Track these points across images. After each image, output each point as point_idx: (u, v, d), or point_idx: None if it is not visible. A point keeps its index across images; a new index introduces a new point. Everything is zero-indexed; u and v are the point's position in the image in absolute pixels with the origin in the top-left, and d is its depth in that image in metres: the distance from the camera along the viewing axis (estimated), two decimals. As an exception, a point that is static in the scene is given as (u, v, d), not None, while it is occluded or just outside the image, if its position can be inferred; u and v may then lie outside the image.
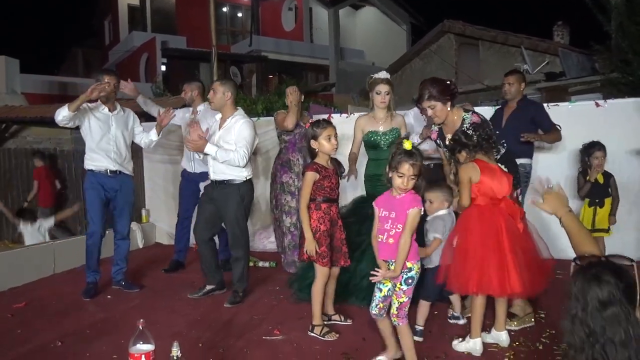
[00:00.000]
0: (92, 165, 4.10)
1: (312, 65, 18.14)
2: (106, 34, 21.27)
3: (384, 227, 2.58)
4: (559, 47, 9.82)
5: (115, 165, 4.11)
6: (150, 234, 6.19)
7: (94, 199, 4.07)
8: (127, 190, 4.22)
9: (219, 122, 3.90)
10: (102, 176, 4.08)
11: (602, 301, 1.30)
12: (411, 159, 2.51)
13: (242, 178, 3.82)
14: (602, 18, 7.13)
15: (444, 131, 3.30)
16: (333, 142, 3.09)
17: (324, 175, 3.10)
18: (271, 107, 7.35)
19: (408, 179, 2.50)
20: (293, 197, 4.55)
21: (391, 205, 2.59)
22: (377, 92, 3.77)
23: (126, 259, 4.30)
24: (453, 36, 11.87)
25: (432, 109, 3.14)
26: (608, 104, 4.75)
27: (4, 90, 9.24)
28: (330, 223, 3.14)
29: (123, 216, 4.25)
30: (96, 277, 4.13)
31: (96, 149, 4.06)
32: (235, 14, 19.80)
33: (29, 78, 12.01)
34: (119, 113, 4.19)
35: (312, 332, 3.13)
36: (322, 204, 3.12)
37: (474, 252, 2.71)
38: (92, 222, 4.09)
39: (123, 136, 4.18)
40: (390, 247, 2.56)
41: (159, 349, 2.27)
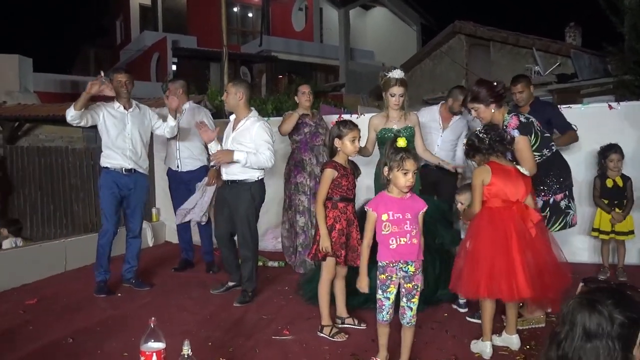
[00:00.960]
0: (107, 163, 4.12)
1: (322, 65, 18.14)
2: (118, 34, 21.41)
3: (403, 229, 2.56)
4: (571, 49, 9.74)
5: (130, 163, 4.12)
6: (160, 233, 6.22)
7: (108, 197, 4.09)
8: (141, 189, 4.24)
9: (232, 123, 3.92)
10: (117, 174, 4.10)
11: (587, 331, 1.20)
12: (411, 155, 2.56)
13: (254, 178, 3.84)
14: (615, 19, 7.06)
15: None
16: (356, 145, 3.13)
17: (342, 174, 3.12)
18: (281, 107, 7.36)
19: (413, 174, 2.53)
20: (307, 197, 4.56)
21: (403, 206, 2.59)
22: (391, 95, 3.72)
23: (137, 258, 4.31)
24: (464, 37, 11.80)
25: (476, 111, 3.21)
26: (621, 106, 4.70)
27: (17, 88, 9.32)
28: (346, 222, 3.14)
29: (136, 215, 4.26)
30: (106, 276, 4.14)
31: (112, 147, 4.08)
32: (245, 14, 19.85)
33: (42, 77, 12.12)
34: (135, 110, 4.20)
35: (321, 333, 3.13)
36: (339, 202, 3.14)
37: (484, 256, 2.69)
38: (106, 220, 4.12)
39: (139, 134, 4.18)
40: (415, 248, 2.57)
41: (169, 347, 2.28)
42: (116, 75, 4.11)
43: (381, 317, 2.64)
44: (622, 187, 4.21)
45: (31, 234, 7.40)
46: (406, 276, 2.58)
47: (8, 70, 9.35)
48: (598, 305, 1.21)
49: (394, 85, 3.70)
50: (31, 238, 7.19)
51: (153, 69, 16.99)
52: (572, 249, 4.52)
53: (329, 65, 17.77)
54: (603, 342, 1.18)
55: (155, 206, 6.36)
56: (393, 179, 2.56)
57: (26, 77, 9.74)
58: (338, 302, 3.30)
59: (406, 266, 2.57)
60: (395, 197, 2.60)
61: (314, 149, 4.62)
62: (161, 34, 17.51)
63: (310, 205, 4.55)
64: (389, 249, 2.57)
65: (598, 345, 1.18)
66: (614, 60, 7.63)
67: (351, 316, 3.31)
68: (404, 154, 2.54)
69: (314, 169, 4.57)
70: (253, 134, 3.78)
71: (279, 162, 5.55)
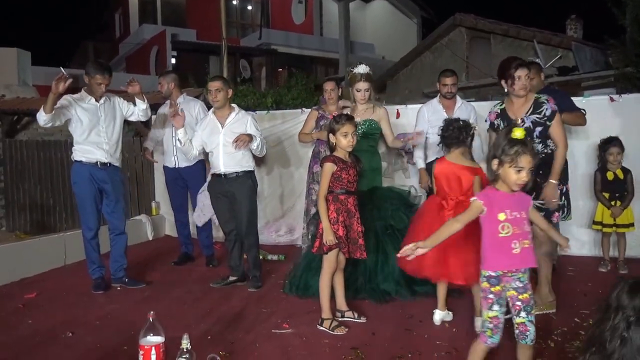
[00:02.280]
0: (81, 157, 3.95)
1: (322, 58, 18.06)
2: (117, 27, 21.31)
3: (524, 229, 2.21)
4: (572, 41, 9.69)
5: (106, 157, 3.98)
6: (159, 227, 6.21)
7: (85, 191, 3.95)
8: (117, 183, 4.09)
9: (215, 118, 3.97)
10: (92, 167, 3.96)
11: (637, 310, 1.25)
12: (527, 149, 2.19)
13: (251, 168, 4.03)
14: (616, 11, 7.02)
15: (508, 112, 3.35)
16: (349, 139, 3.12)
17: (342, 168, 3.13)
18: (280, 101, 7.33)
19: (528, 172, 2.19)
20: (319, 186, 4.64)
21: (518, 203, 2.25)
22: (357, 90, 3.94)
23: (125, 255, 4.13)
24: (464, 30, 11.74)
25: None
26: (623, 98, 4.67)
27: (16, 82, 9.29)
28: (347, 214, 3.15)
29: (117, 210, 4.10)
30: (101, 272, 4.07)
31: (86, 142, 3.94)
32: (245, 7, 19.75)
33: (41, 70, 12.05)
34: (106, 102, 4.03)
35: (321, 326, 3.13)
36: (340, 195, 3.15)
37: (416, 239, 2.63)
38: (88, 215, 3.99)
39: (114, 126, 4.06)
40: (532, 251, 2.24)
41: (168, 341, 2.28)
42: (97, 76, 3.89)
43: (494, 339, 2.20)
44: (623, 179, 4.20)
45: (30, 228, 7.39)
46: (521, 286, 2.21)
47: (6, 63, 9.31)
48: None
49: (359, 80, 3.92)
50: (30, 232, 7.19)
51: (152, 63, 16.94)
52: (573, 242, 4.47)
53: (329, 59, 17.69)
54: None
55: (154, 200, 6.35)
56: (502, 174, 2.22)
57: (25, 71, 9.71)
58: (338, 296, 3.30)
59: (523, 275, 2.22)
60: (508, 194, 2.24)
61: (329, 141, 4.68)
62: (160, 27, 17.45)
63: None
64: (510, 255, 2.19)
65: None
66: (615, 53, 7.59)
67: (350, 309, 3.31)
68: (520, 147, 2.18)
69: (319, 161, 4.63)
70: (248, 125, 3.94)
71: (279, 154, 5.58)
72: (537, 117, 3.31)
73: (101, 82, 3.90)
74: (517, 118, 3.31)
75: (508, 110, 3.38)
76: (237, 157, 3.92)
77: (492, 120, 3.43)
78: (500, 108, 3.42)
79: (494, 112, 3.43)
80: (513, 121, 3.25)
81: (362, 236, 3.20)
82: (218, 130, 3.93)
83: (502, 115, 3.39)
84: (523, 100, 3.32)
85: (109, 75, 3.96)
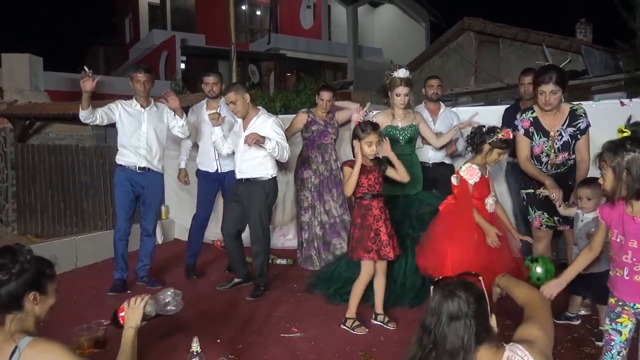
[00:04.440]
0: (121, 161, 4.14)
1: (330, 63, 18.09)
2: (127, 32, 21.50)
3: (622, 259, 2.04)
4: (581, 45, 9.64)
5: (144, 162, 4.11)
6: (169, 231, 6.24)
7: (122, 195, 4.12)
8: (155, 187, 4.23)
9: (241, 123, 3.96)
10: (131, 172, 4.11)
11: (451, 314, 1.44)
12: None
13: (269, 176, 3.92)
14: (627, 15, 6.99)
15: (542, 122, 3.28)
16: (373, 149, 3.14)
17: (362, 171, 3.15)
18: (289, 105, 7.35)
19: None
20: (311, 194, 4.62)
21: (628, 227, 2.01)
22: (396, 94, 3.83)
23: (151, 256, 4.31)
24: (473, 34, 11.72)
25: (555, 94, 3.14)
26: (633, 102, 4.64)
27: (27, 87, 9.39)
28: (373, 218, 3.16)
29: (150, 213, 4.26)
30: (123, 274, 4.17)
31: (127, 145, 4.10)
32: (254, 12, 19.85)
33: (52, 75, 12.20)
34: (152, 109, 4.17)
35: (344, 325, 3.18)
36: (363, 200, 3.17)
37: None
38: (120, 217, 4.15)
39: (155, 132, 4.15)
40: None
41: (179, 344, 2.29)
42: (135, 74, 4.09)
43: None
44: None
45: (42, 231, 7.47)
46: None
47: (19, 69, 9.41)
48: (456, 292, 1.46)
49: (399, 85, 3.79)
50: (42, 235, 7.26)
51: (162, 68, 17.05)
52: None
53: (337, 63, 17.72)
54: (462, 321, 1.42)
55: (164, 204, 6.38)
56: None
57: (37, 76, 9.80)
58: (376, 298, 3.29)
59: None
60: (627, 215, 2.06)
61: (320, 147, 4.65)
62: (170, 32, 17.57)
63: (314, 202, 4.61)
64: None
65: (458, 324, 1.42)
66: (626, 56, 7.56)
67: (384, 314, 3.29)
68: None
69: (319, 167, 4.63)
70: (267, 129, 3.83)
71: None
72: (573, 130, 3.25)
73: (140, 79, 4.06)
74: (552, 130, 3.26)
75: (541, 119, 3.29)
76: (253, 164, 3.87)
77: (527, 127, 3.34)
78: (532, 116, 3.32)
79: (527, 119, 3.33)
80: (550, 136, 3.25)
81: (394, 236, 3.21)
82: (241, 134, 3.92)
83: (535, 125, 3.30)
84: (555, 110, 3.24)
85: (147, 73, 4.15)
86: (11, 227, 7.75)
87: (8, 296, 1.70)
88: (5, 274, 1.69)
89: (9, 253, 1.74)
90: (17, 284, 1.71)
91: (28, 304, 1.74)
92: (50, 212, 7.46)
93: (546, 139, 3.29)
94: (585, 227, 2.91)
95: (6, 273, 1.69)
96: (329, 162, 4.66)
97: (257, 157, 3.87)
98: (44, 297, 1.80)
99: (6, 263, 1.71)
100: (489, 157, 3.05)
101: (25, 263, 1.73)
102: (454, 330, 1.42)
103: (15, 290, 1.71)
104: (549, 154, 3.31)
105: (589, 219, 2.90)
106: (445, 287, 1.50)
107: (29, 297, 1.74)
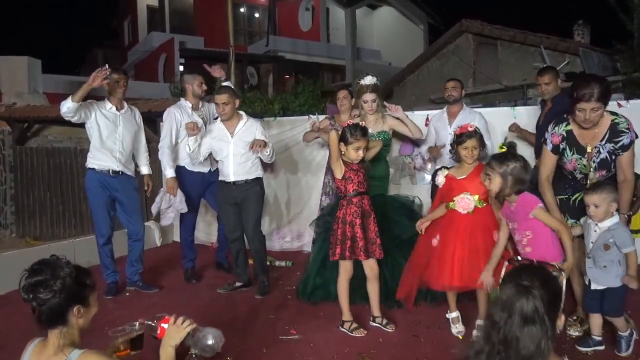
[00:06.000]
0: (94, 164, 4.02)
1: (329, 65, 18.11)
2: (125, 35, 21.51)
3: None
4: (579, 47, 9.66)
5: (119, 165, 4.04)
6: (167, 233, 6.24)
7: (98, 199, 4.03)
8: (130, 191, 4.15)
9: (225, 129, 3.97)
10: (104, 176, 4.02)
11: (525, 316, 1.33)
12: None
13: (259, 175, 4.09)
14: (624, 17, 7.01)
15: (577, 136, 2.89)
16: (360, 154, 3.15)
17: (350, 169, 3.17)
18: (287, 107, 7.36)
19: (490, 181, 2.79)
20: (327, 197, 4.74)
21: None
22: (364, 101, 3.92)
23: (141, 260, 4.24)
24: (471, 36, 11.74)
25: (596, 112, 2.72)
26: (630, 104, 4.65)
27: (26, 89, 9.39)
28: (363, 215, 3.18)
29: (134, 217, 4.18)
30: (115, 277, 4.16)
31: (101, 148, 4.00)
32: (252, 15, 19.88)
33: (51, 78, 12.20)
34: (127, 112, 4.13)
35: (341, 328, 3.19)
36: (354, 198, 3.18)
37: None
38: (101, 222, 4.07)
39: (130, 136, 4.12)
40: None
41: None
42: (114, 74, 3.97)
43: None
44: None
45: (40, 234, 7.46)
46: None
47: (18, 71, 9.41)
48: (533, 291, 1.34)
49: (366, 92, 3.88)
50: (40, 238, 7.25)
51: (160, 70, 17.07)
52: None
53: (336, 65, 17.74)
54: (537, 325, 1.32)
55: (163, 206, 6.37)
56: None
57: (35, 79, 9.80)
58: (372, 302, 3.31)
59: None
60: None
61: None
62: (168, 35, 17.58)
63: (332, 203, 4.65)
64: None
65: (533, 328, 1.31)
66: (623, 58, 7.57)
67: (382, 316, 3.29)
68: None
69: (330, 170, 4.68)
70: (258, 133, 3.98)
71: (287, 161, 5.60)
72: (613, 146, 2.83)
73: (119, 79, 4.00)
74: (589, 146, 2.86)
75: (576, 134, 2.89)
76: (247, 166, 3.97)
77: (556, 143, 2.95)
78: (565, 130, 2.93)
79: (559, 134, 2.94)
80: (586, 153, 2.87)
81: (379, 235, 3.22)
82: (228, 139, 3.95)
83: (569, 140, 2.92)
84: (603, 125, 2.83)
85: (125, 75, 4.11)
86: (9, 229, 7.74)
87: (52, 313, 1.68)
88: (48, 292, 1.65)
89: (48, 268, 1.69)
90: (60, 300, 1.68)
91: (73, 318, 1.73)
92: (48, 214, 7.45)
93: (580, 156, 2.90)
94: (601, 238, 2.72)
95: (49, 291, 1.66)
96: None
97: (251, 159, 4.00)
98: (87, 309, 1.78)
99: (47, 280, 1.66)
100: (462, 156, 2.99)
101: (67, 277, 1.69)
102: (528, 334, 1.32)
103: (58, 306, 1.68)
104: (583, 172, 2.95)
105: (604, 228, 2.72)
106: (520, 278, 1.38)
107: (73, 311, 1.72)
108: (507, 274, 1.47)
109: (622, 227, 2.75)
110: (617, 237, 2.69)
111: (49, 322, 1.70)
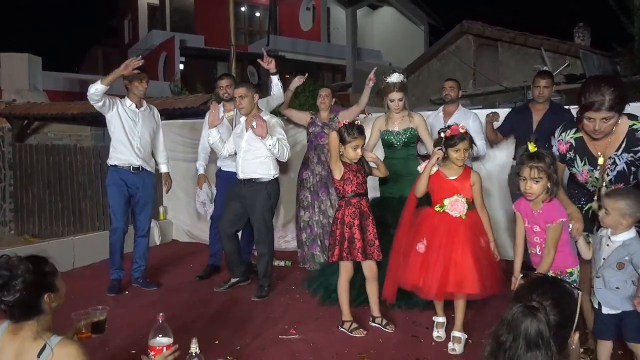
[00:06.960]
0: (115, 161, 4.13)
1: (329, 65, 18.13)
2: (126, 33, 21.49)
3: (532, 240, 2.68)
4: (579, 49, 9.67)
5: (138, 160, 4.13)
6: (167, 231, 6.24)
7: (116, 195, 4.11)
8: (148, 187, 4.25)
9: (244, 124, 3.96)
10: (125, 172, 4.11)
11: (529, 340, 1.29)
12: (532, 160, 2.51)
13: (270, 176, 3.96)
14: (625, 19, 7.03)
15: (588, 144, 2.52)
16: (358, 152, 3.14)
17: (349, 169, 3.16)
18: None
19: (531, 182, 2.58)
20: (310, 193, 4.66)
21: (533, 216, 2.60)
22: (390, 100, 3.79)
23: (145, 257, 4.30)
24: (472, 37, 11.75)
25: (607, 121, 2.33)
26: (631, 106, 4.63)
27: (26, 87, 9.37)
28: (361, 216, 3.17)
29: (143, 213, 4.27)
30: (120, 274, 4.18)
31: (121, 144, 4.10)
32: (253, 14, 19.88)
33: (51, 75, 12.18)
34: (146, 110, 4.24)
35: (341, 328, 3.19)
36: (352, 199, 3.17)
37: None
38: (115, 218, 4.14)
39: (148, 133, 4.22)
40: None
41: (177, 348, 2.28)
42: (139, 75, 4.07)
43: None
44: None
45: (39, 231, 7.44)
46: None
47: (18, 69, 9.40)
48: (539, 314, 1.29)
49: (392, 90, 3.76)
50: (39, 236, 7.24)
51: (161, 68, 17.05)
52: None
53: (336, 65, 17.76)
54: (542, 350, 1.27)
55: (162, 204, 6.37)
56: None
57: (35, 76, 9.79)
58: (371, 303, 3.30)
59: None
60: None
61: (317, 148, 4.68)
62: (169, 33, 17.57)
63: (313, 201, 4.64)
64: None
65: (538, 353, 1.27)
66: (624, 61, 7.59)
67: (381, 317, 3.28)
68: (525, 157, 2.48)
69: (316, 167, 4.66)
70: (270, 128, 3.82)
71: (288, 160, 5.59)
72: (632, 156, 2.43)
73: (141, 78, 4.08)
74: (601, 157, 2.49)
75: (587, 141, 2.51)
76: (255, 164, 3.90)
77: (563, 152, 2.62)
78: (574, 137, 2.56)
79: (566, 141, 2.59)
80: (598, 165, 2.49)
81: (378, 237, 3.21)
82: (243, 135, 3.94)
83: (578, 149, 2.55)
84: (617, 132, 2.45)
85: (146, 76, 4.18)
86: (8, 227, 7.73)
87: (25, 308, 1.71)
88: (13, 293, 1.68)
89: (4, 270, 1.70)
90: (28, 296, 1.70)
91: (45, 306, 1.77)
92: (47, 212, 7.43)
93: (592, 167, 2.53)
94: (615, 255, 2.34)
95: (14, 292, 1.68)
96: (325, 163, 4.67)
97: (259, 157, 3.90)
98: (56, 293, 1.82)
99: (7, 282, 1.68)
100: (453, 158, 2.92)
101: (26, 274, 1.71)
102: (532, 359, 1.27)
103: (29, 301, 1.71)
104: (595, 185, 2.57)
105: (618, 243, 2.34)
106: (531, 297, 1.33)
107: (44, 299, 1.76)
108: (520, 289, 1.40)
109: (639, 244, 2.35)
110: (635, 255, 2.30)
111: (24, 316, 1.73)
